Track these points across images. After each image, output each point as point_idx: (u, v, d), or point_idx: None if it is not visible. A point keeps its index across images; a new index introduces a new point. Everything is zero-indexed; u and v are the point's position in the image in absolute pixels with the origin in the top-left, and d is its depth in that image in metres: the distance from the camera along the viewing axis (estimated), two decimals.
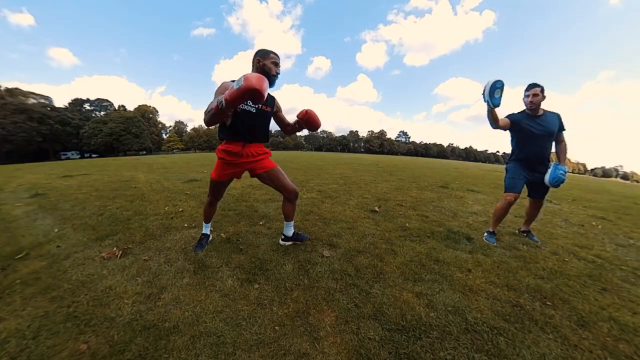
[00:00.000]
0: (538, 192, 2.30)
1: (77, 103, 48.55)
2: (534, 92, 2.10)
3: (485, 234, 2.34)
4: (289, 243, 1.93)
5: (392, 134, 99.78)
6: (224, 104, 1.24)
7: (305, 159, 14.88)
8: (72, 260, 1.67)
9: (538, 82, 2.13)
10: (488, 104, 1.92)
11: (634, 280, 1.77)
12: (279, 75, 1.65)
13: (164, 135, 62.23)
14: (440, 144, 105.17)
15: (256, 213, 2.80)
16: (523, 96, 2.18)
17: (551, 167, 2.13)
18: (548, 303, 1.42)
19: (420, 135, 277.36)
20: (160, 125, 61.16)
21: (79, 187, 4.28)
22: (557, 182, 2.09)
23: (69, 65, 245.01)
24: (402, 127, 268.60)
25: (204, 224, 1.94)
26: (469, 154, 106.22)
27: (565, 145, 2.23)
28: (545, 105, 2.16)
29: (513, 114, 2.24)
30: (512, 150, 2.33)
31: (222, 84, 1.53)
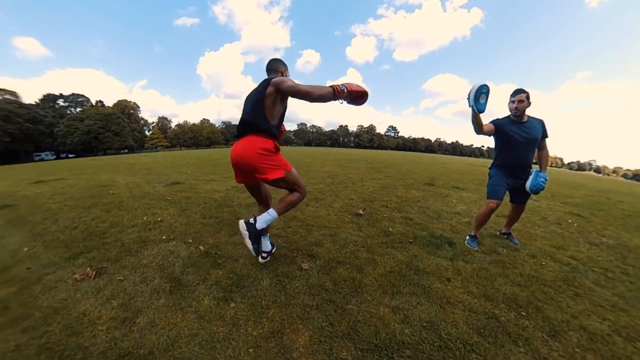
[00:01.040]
0: (520, 198, 2.33)
1: (50, 99, 45.34)
2: (520, 98, 2.07)
3: (468, 237, 2.38)
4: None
5: (381, 129, 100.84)
6: (346, 92, 1.41)
7: (294, 155, 14.66)
8: (43, 284, 1.58)
9: (524, 88, 2.10)
10: (473, 110, 1.86)
11: (605, 283, 1.86)
12: None
13: (146, 132, 59.78)
14: (428, 139, 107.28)
15: (237, 221, 2.69)
16: (508, 101, 2.15)
17: (532, 174, 2.15)
18: (522, 313, 1.45)
19: (408, 130, 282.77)
20: (142, 122, 58.54)
21: (52, 195, 4.07)
22: (538, 190, 2.13)
23: (37, 56, 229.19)
24: (391, 121, 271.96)
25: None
26: (456, 149, 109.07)
27: (547, 152, 2.25)
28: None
29: (497, 119, 2.23)
30: (495, 156, 2.33)
31: (283, 78, 1.57)
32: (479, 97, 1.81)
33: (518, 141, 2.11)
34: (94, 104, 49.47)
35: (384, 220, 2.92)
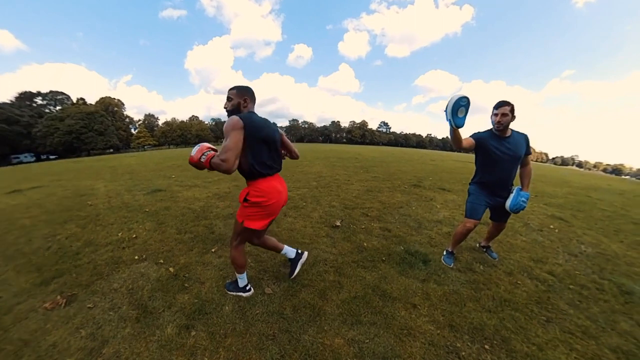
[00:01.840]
0: (500, 216, 2.22)
1: (26, 97, 42.74)
2: (503, 111, 1.90)
3: (445, 253, 2.34)
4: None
5: (373, 125, 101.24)
6: None
7: None
8: (14, 314, 1.60)
9: (508, 100, 1.92)
10: (450, 124, 1.67)
11: (579, 303, 1.83)
12: (226, 110, 1.55)
13: (132, 130, 57.91)
14: (419, 135, 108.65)
15: (212, 235, 2.73)
16: (491, 114, 1.99)
17: (514, 192, 2.04)
18: (486, 346, 1.39)
19: (400, 125, 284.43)
20: (127, 120, 56.54)
21: (28, 208, 3.99)
22: (518, 210, 2.02)
23: (11, 50, 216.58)
24: (383, 117, 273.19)
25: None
26: (446, 144, 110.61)
27: (530, 169, 2.12)
28: (512, 100, 1.94)
29: (478, 133, 2.08)
30: (476, 171, 2.21)
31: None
32: (457, 110, 1.62)
33: (500, 157, 1.98)
34: (75, 101, 47.09)
35: (360, 232, 2.90)
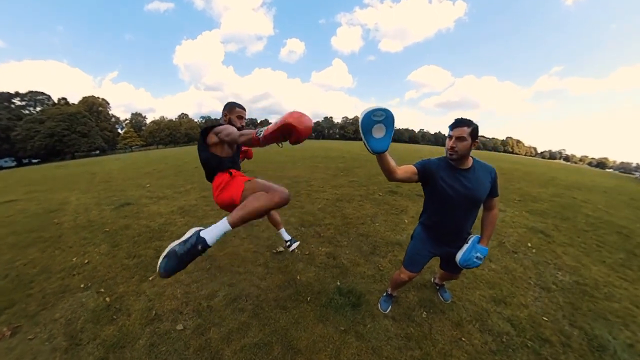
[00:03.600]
0: (451, 268, 1.73)
1: (3, 98, 40.51)
2: (459, 133, 1.35)
3: (384, 295, 2.02)
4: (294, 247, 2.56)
5: None
6: (260, 135, 1.16)
7: (270, 154, 13.35)
8: None
9: (469, 119, 1.37)
10: (365, 147, 1.21)
11: None
12: (243, 128, 1.85)
13: (119, 130, 56.63)
14: (412, 130, 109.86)
15: (157, 260, 2.77)
16: (446, 135, 1.46)
17: (469, 243, 1.55)
18: None
19: None
20: (113, 119, 55.21)
21: None
22: (469, 266, 1.55)
23: None
24: None
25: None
26: (438, 139, 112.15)
27: (495, 214, 1.58)
28: (502, 98, 1.92)
29: (427, 160, 1.54)
30: (423, 209, 1.72)
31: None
32: (371, 129, 1.16)
33: (450, 197, 1.45)
34: (56, 102, 45.70)
35: (301, 261, 2.67)
